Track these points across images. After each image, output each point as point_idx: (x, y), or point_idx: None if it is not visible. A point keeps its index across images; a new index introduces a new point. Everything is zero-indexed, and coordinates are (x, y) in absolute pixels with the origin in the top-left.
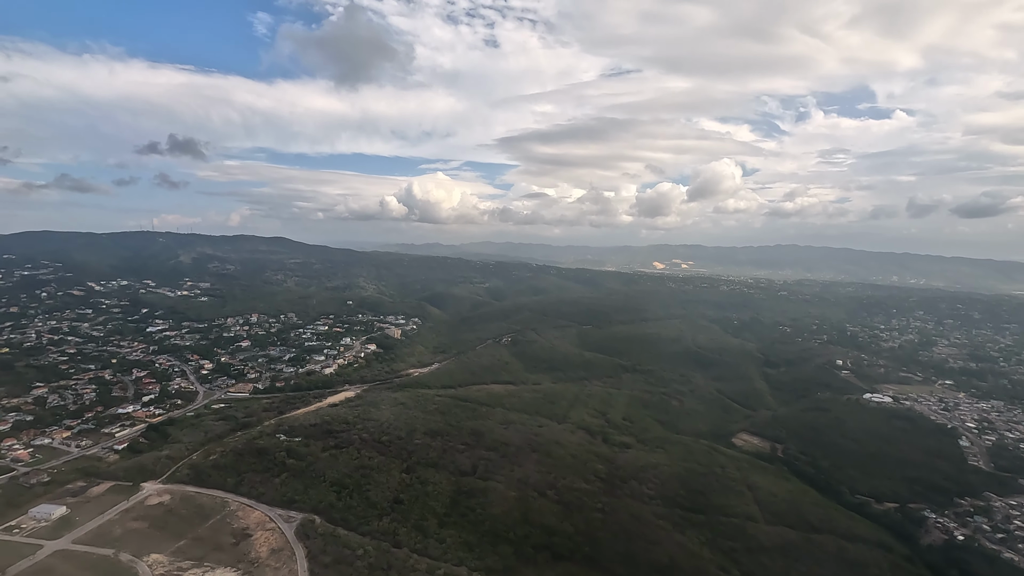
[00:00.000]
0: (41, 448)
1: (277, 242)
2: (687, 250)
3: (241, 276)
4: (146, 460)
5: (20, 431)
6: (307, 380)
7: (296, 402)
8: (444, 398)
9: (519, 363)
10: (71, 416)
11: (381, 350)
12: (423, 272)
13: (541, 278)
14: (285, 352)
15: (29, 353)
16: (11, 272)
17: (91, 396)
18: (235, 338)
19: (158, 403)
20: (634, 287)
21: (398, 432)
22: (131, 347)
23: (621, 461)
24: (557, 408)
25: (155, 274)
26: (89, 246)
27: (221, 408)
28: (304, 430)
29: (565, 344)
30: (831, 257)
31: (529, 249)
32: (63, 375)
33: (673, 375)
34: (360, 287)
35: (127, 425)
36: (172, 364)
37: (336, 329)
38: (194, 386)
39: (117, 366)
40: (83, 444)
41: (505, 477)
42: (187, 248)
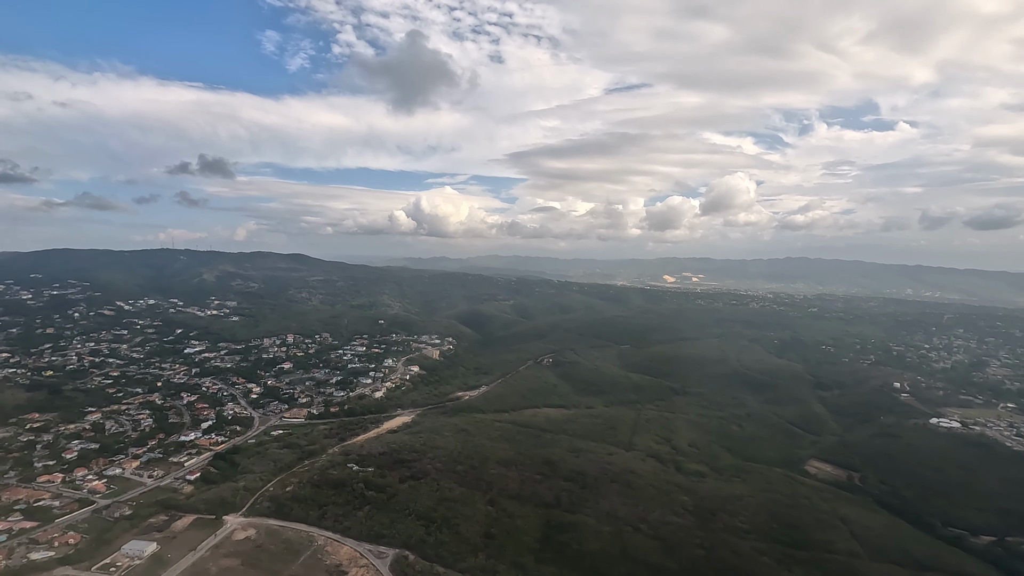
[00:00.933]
0: (115, 479)
1: (295, 259)
2: (696, 263)
3: (265, 294)
4: (224, 492)
5: (89, 460)
6: (359, 404)
7: (354, 427)
8: (504, 424)
9: (567, 386)
10: (135, 444)
11: (424, 372)
12: (445, 289)
13: (565, 295)
14: (331, 375)
15: (73, 376)
16: (40, 292)
17: (149, 423)
18: (275, 360)
19: (217, 430)
20: (662, 305)
21: (471, 461)
22: (173, 369)
23: (703, 492)
24: (620, 434)
25: (180, 293)
26: (113, 265)
27: (281, 435)
28: (374, 459)
29: (608, 365)
30: (843, 270)
31: (536, 263)
32: (112, 399)
33: (725, 398)
34: (386, 305)
35: (193, 454)
36: (219, 388)
37: (375, 350)
38: (247, 411)
39: (163, 389)
40: (155, 474)
41: (592, 510)
42: (208, 266)
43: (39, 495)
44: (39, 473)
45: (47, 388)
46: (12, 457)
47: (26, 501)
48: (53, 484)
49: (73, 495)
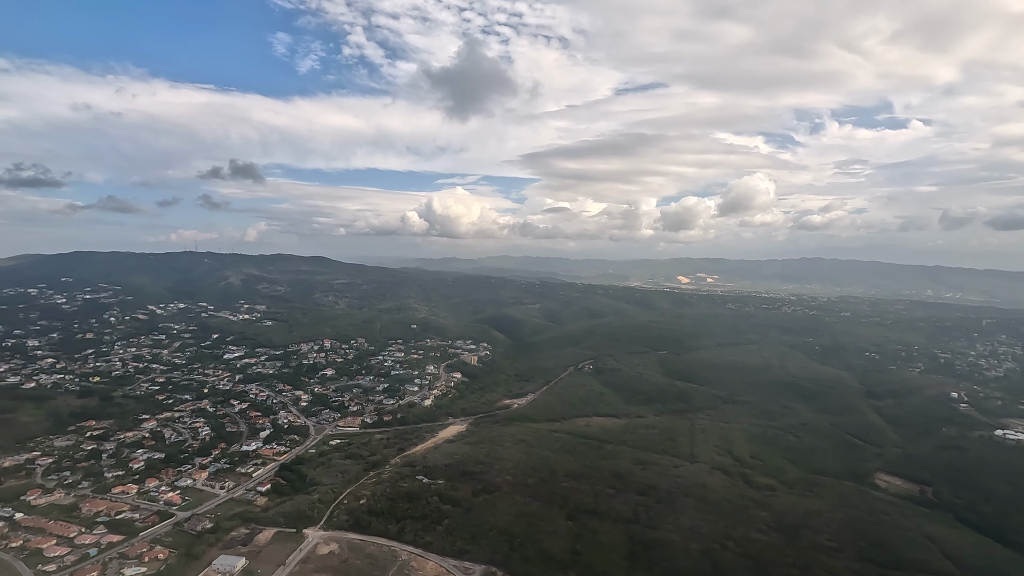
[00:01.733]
0: (188, 490)
1: (317, 261)
2: (710, 264)
3: (292, 298)
4: (300, 505)
5: (158, 470)
6: (411, 413)
7: (410, 437)
8: (561, 434)
9: (614, 394)
10: (198, 454)
11: (467, 379)
12: (468, 292)
13: (591, 299)
14: (377, 382)
15: (120, 382)
16: (73, 296)
17: (207, 432)
18: (316, 366)
19: (276, 439)
20: (690, 309)
21: (540, 475)
22: (217, 376)
23: (779, 507)
24: (679, 445)
25: (208, 296)
26: (141, 268)
27: (339, 444)
28: (441, 471)
29: (651, 372)
30: (860, 270)
31: (547, 263)
32: (163, 406)
33: (776, 407)
34: (413, 309)
35: (258, 464)
36: (267, 395)
37: (413, 356)
38: (301, 419)
39: (210, 396)
40: (226, 485)
41: (673, 526)
42: (232, 269)
43: (118, 507)
44: (111, 483)
45: (98, 395)
46: (81, 467)
47: (107, 513)
48: (128, 495)
49: (151, 507)
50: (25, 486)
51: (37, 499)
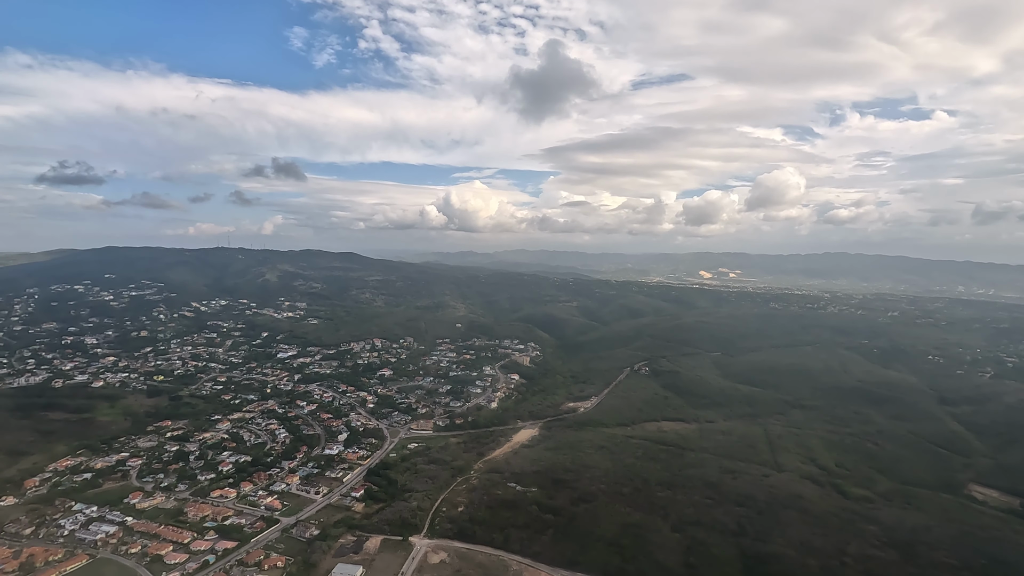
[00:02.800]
0: (285, 495)
1: (347, 257)
2: (731, 258)
3: (330, 295)
4: (401, 512)
5: (249, 474)
6: (480, 416)
7: (485, 440)
8: (638, 440)
9: (677, 397)
10: (283, 457)
11: (525, 381)
12: (503, 289)
13: (628, 296)
14: (438, 383)
15: (183, 381)
16: (119, 293)
17: (284, 434)
18: (372, 366)
19: (355, 443)
20: (730, 307)
21: (632, 483)
22: (276, 375)
23: (885, 521)
24: (760, 453)
25: (247, 293)
26: (178, 264)
27: (418, 448)
28: (531, 478)
29: (709, 374)
30: (886, 266)
31: (564, 257)
32: (231, 407)
33: (846, 413)
34: (451, 307)
35: (345, 469)
36: (332, 396)
37: (466, 356)
38: (373, 422)
39: (274, 396)
40: (320, 490)
41: (783, 540)
42: (267, 265)
43: (223, 511)
44: (208, 487)
45: (166, 394)
46: (173, 469)
47: (213, 518)
48: (228, 500)
49: (254, 512)
50: (123, 488)
51: (140, 502)
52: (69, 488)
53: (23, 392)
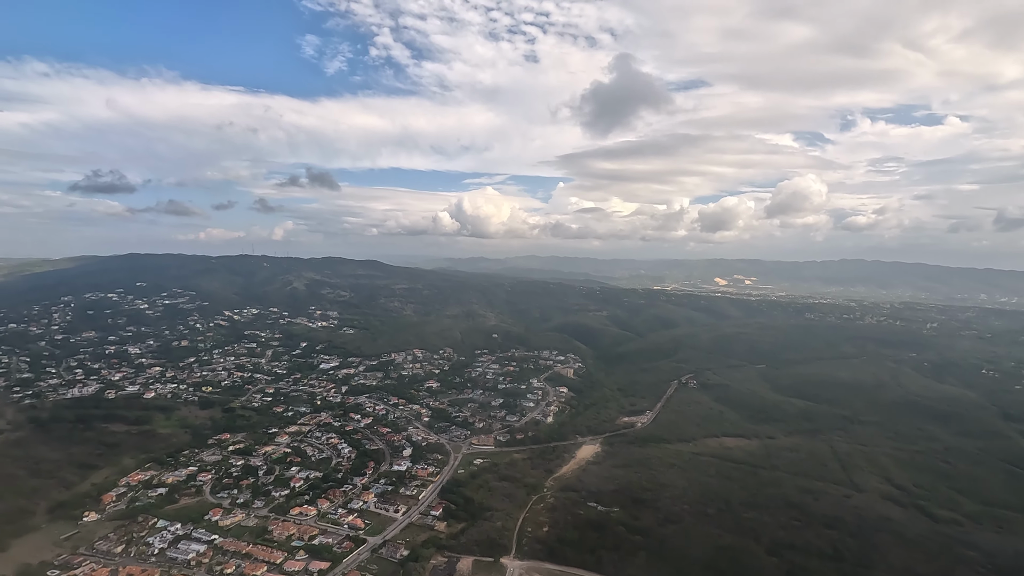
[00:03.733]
0: (365, 513)
1: (370, 265)
2: (746, 265)
3: (359, 304)
4: (487, 531)
5: (322, 490)
6: (537, 431)
7: (550, 456)
8: (706, 457)
9: (732, 412)
10: (353, 473)
11: (573, 394)
12: (529, 298)
13: (659, 306)
14: (490, 396)
15: (232, 393)
16: (153, 301)
17: (347, 449)
18: (416, 377)
19: (421, 459)
20: (765, 317)
21: (715, 503)
22: (323, 387)
23: (983, 545)
24: (832, 471)
25: (277, 302)
26: (205, 272)
27: (485, 464)
28: (609, 497)
29: (759, 388)
30: (905, 273)
31: (575, 263)
32: (285, 419)
33: (909, 429)
34: (481, 316)
35: (418, 486)
36: (385, 409)
37: (509, 367)
38: (433, 437)
39: (325, 408)
40: (399, 508)
41: (886, 565)
42: (292, 273)
43: (308, 530)
44: (285, 504)
45: (218, 406)
46: (246, 485)
47: (300, 537)
48: (308, 517)
49: (338, 531)
50: (200, 504)
51: (222, 519)
52: (147, 504)
53: (79, 403)
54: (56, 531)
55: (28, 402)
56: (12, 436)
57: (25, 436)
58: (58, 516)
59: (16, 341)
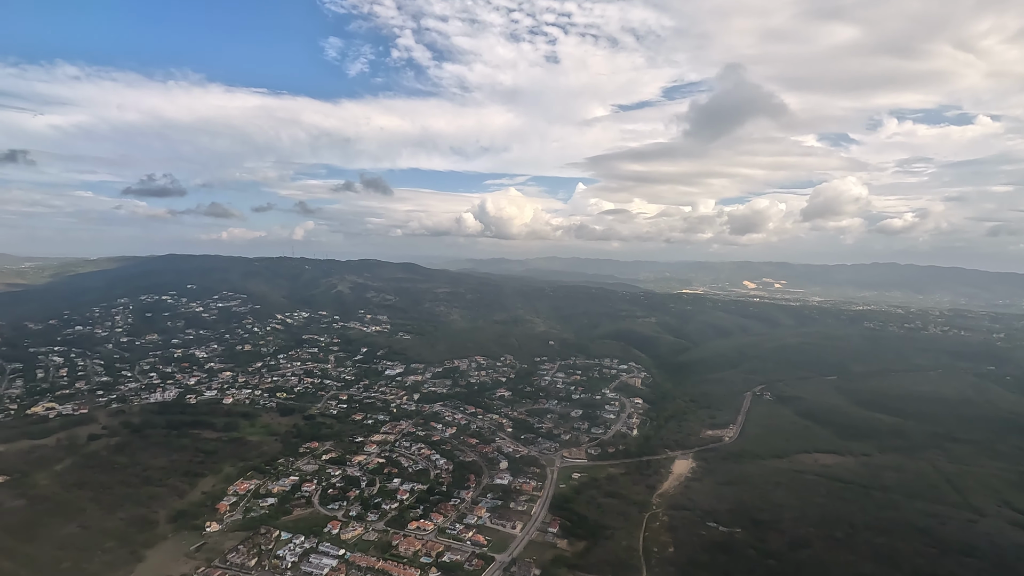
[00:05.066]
0: (482, 528)
1: (409, 268)
2: (773, 268)
3: (405, 307)
4: (614, 551)
5: (432, 504)
6: (625, 444)
7: (646, 471)
8: (811, 476)
9: (817, 426)
10: (454, 486)
11: (648, 405)
12: (574, 303)
13: (708, 312)
14: (566, 407)
15: (306, 399)
16: (207, 304)
17: (440, 460)
18: (484, 385)
19: (519, 472)
20: (827, 327)
21: (838, 526)
22: (394, 394)
23: None
24: (946, 493)
25: (324, 305)
26: (252, 275)
27: (584, 479)
28: (725, 516)
29: (837, 401)
30: (941, 278)
31: (597, 264)
32: (367, 427)
33: (1007, 447)
34: (528, 321)
35: (526, 500)
36: (465, 418)
37: (575, 376)
38: (523, 448)
39: (401, 416)
40: (515, 524)
41: None
42: (334, 276)
43: (433, 546)
44: (395, 516)
45: (297, 412)
46: (354, 497)
47: (427, 553)
48: (427, 532)
49: (462, 547)
50: (314, 515)
51: (343, 533)
52: (263, 515)
53: (165, 408)
54: (183, 541)
55: (115, 406)
56: (112, 441)
57: (125, 441)
58: (181, 525)
59: (85, 343)
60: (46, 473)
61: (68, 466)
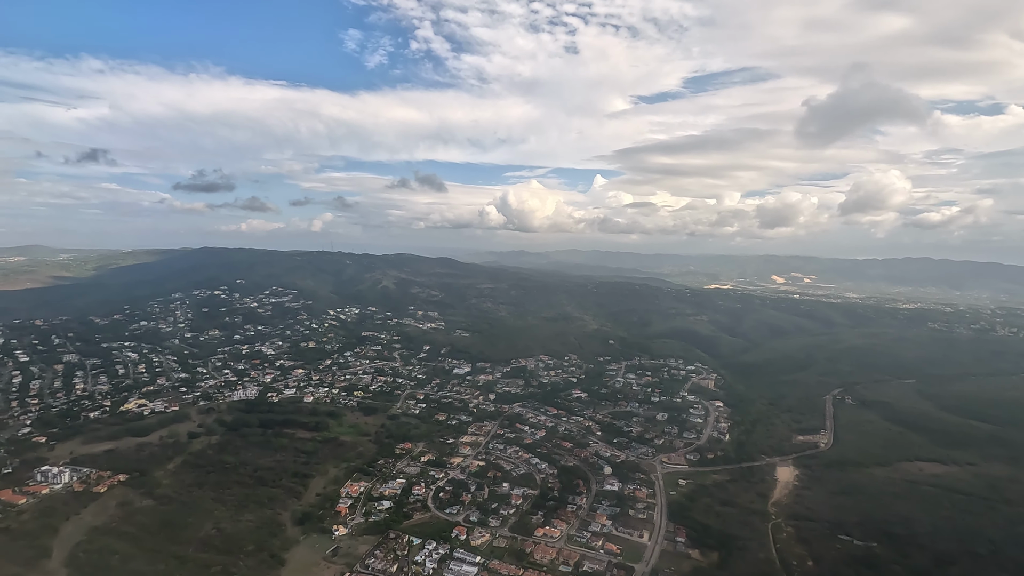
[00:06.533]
0: (611, 537)
1: (444, 263)
2: (801, 262)
3: (452, 304)
4: (753, 563)
5: (550, 510)
6: (721, 449)
7: (751, 479)
8: (924, 487)
9: (912, 434)
10: (565, 491)
11: (729, 408)
12: (619, 300)
13: (758, 311)
14: (649, 409)
15: (383, 398)
16: (261, 300)
17: (544, 464)
18: (557, 385)
19: (625, 478)
20: (884, 327)
21: (981, 544)
22: (470, 394)
23: None
24: None
25: (372, 300)
26: (296, 269)
27: (693, 486)
28: (855, 529)
29: (926, 407)
30: (979, 273)
31: (618, 258)
32: (453, 428)
33: None
34: (578, 319)
35: (644, 508)
36: (551, 421)
37: (647, 377)
38: (620, 453)
39: (482, 416)
40: (641, 533)
41: None
42: (374, 271)
43: (569, 555)
44: (515, 522)
45: (380, 412)
46: (468, 501)
47: (565, 562)
48: (556, 539)
49: (596, 556)
50: (435, 520)
51: (473, 539)
52: (383, 518)
53: (251, 406)
54: (316, 544)
55: (202, 404)
56: (212, 440)
57: (225, 440)
58: (308, 528)
59: (152, 339)
60: (162, 472)
61: (179, 465)
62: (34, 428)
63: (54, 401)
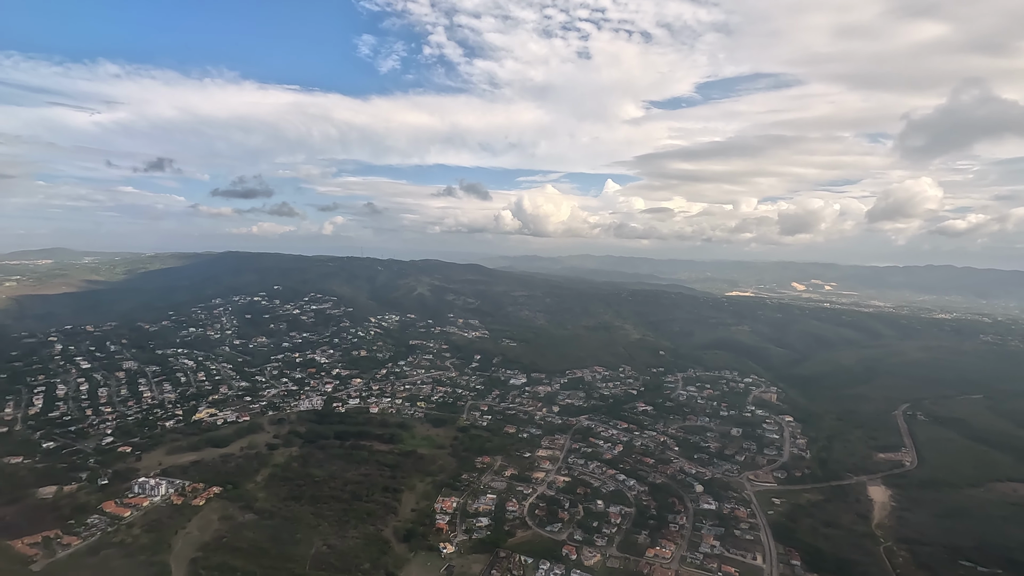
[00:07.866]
0: (722, 559)
1: (472, 269)
2: (820, 269)
3: (490, 312)
4: None
5: (653, 529)
6: (807, 466)
7: (845, 499)
8: None
9: (995, 452)
10: (663, 510)
11: (799, 424)
12: (656, 309)
13: (801, 321)
14: (720, 424)
15: (447, 409)
16: (302, 307)
17: (631, 481)
18: (619, 398)
19: (718, 497)
20: (932, 340)
21: None
22: (533, 406)
23: None
24: None
25: (409, 308)
26: (331, 276)
27: (788, 505)
28: (975, 554)
29: (1004, 424)
30: (1003, 281)
31: (632, 263)
32: (524, 442)
33: None
34: (620, 328)
35: (748, 528)
36: (627, 435)
37: (708, 391)
38: (704, 471)
39: (551, 430)
40: (754, 555)
41: None
42: (406, 277)
43: None
44: (621, 541)
45: (449, 424)
46: (566, 520)
47: None
48: (668, 560)
49: None
50: (539, 538)
51: (585, 559)
52: (486, 536)
53: (320, 417)
54: (428, 563)
55: (271, 414)
56: (293, 451)
57: (306, 453)
58: (415, 546)
59: (203, 346)
60: (253, 485)
61: (267, 478)
62: (116, 437)
63: (127, 410)
